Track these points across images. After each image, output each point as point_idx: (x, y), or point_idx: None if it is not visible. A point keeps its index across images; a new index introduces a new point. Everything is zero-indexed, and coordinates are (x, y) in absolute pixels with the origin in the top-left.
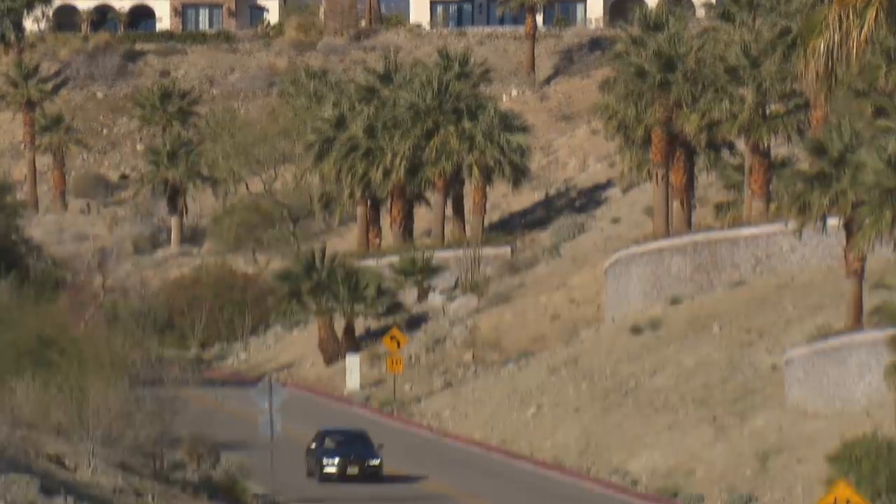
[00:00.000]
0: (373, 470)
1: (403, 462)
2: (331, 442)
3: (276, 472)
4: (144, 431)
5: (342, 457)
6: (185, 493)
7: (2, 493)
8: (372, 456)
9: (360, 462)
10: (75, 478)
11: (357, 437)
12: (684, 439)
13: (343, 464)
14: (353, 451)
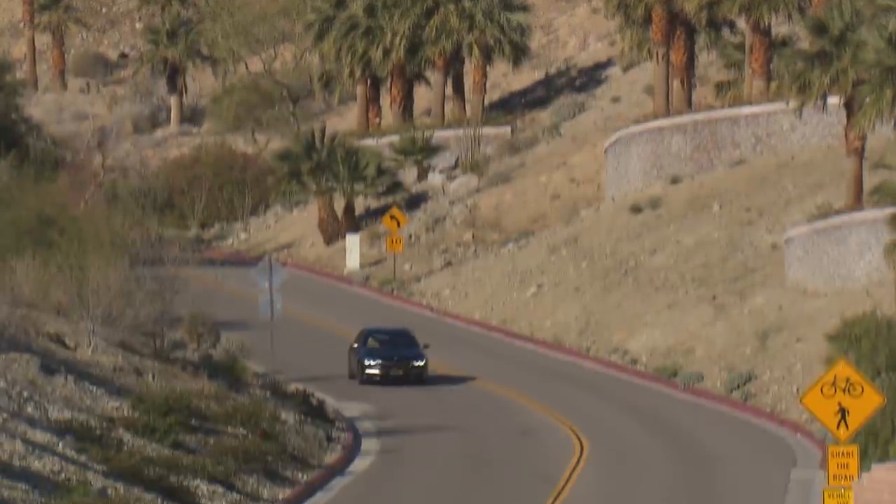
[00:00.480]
0: (417, 371)
1: None
2: (374, 342)
3: (275, 351)
4: (144, 310)
5: (385, 358)
6: (185, 371)
7: (2, 372)
8: (417, 357)
9: (403, 363)
10: (75, 357)
11: (401, 336)
12: (684, 318)
13: (385, 366)
14: (396, 351)
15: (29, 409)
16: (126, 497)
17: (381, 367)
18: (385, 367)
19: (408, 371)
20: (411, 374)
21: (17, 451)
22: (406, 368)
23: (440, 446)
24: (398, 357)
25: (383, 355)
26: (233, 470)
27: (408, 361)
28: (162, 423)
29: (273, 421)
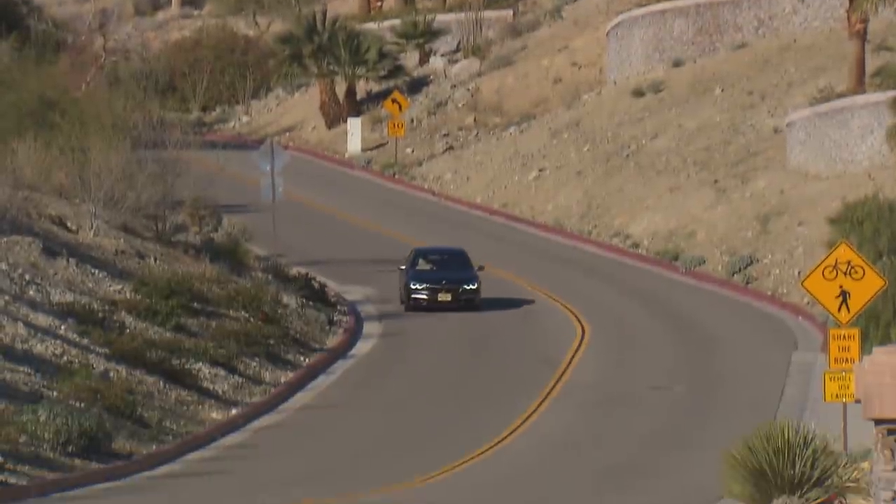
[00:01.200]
0: (468, 296)
1: (406, 225)
2: (424, 263)
3: (277, 234)
4: (146, 194)
5: (432, 282)
6: (187, 255)
7: (3, 255)
8: (468, 280)
9: (453, 288)
10: (77, 239)
11: (454, 257)
12: (685, 202)
13: (433, 289)
14: (445, 274)
15: (31, 292)
16: (128, 380)
17: (428, 291)
18: (432, 292)
19: (457, 296)
20: (461, 299)
21: (18, 334)
22: (455, 293)
23: (441, 329)
24: (447, 280)
25: (431, 278)
26: (234, 353)
27: (457, 286)
28: (164, 306)
29: (275, 304)
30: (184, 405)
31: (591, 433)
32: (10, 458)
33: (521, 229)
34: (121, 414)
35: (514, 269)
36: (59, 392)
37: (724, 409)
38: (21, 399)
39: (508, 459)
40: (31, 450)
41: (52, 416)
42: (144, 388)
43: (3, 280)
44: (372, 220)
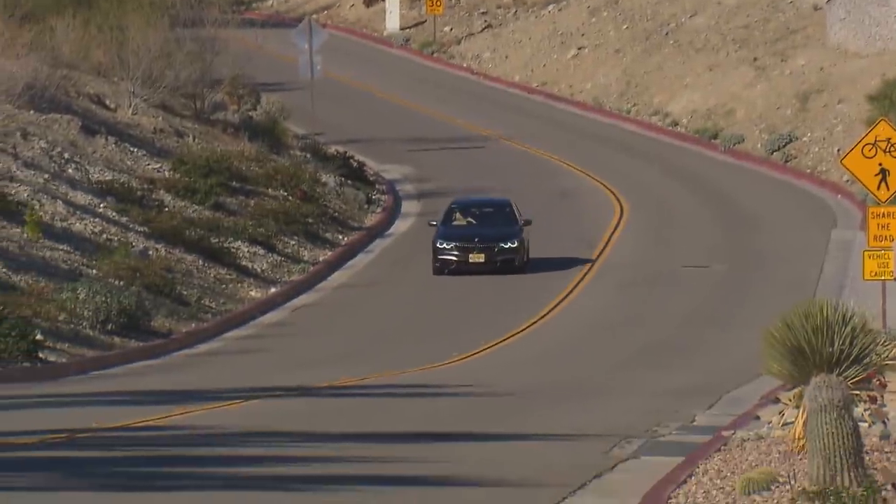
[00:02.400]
0: (506, 255)
1: (444, 104)
2: (460, 218)
3: (316, 113)
4: (185, 72)
5: (463, 239)
6: (226, 133)
7: (43, 133)
8: (506, 237)
9: (487, 246)
10: (116, 118)
11: (496, 210)
12: (724, 80)
13: (463, 248)
14: (479, 230)
15: (70, 170)
16: (167, 258)
17: (458, 251)
18: (462, 252)
19: (492, 256)
20: (497, 260)
21: (58, 212)
22: (490, 253)
23: None
24: (480, 238)
25: (462, 235)
26: (273, 231)
27: (493, 244)
28: (202, 184)
29: (313, 183)
30: (223, 283)
31: (630, 312)
32: (49, 335)
33: (559, 108)
34: (160, 292)
35: (553, 148)
36: (99, 270)
37: (763, 287)
38: (61, 277)
39: (547, 338)
40: (70, 328)
41: (91, 295)
42: (183, 266)
43: (43, 158)
44: (410, 98)
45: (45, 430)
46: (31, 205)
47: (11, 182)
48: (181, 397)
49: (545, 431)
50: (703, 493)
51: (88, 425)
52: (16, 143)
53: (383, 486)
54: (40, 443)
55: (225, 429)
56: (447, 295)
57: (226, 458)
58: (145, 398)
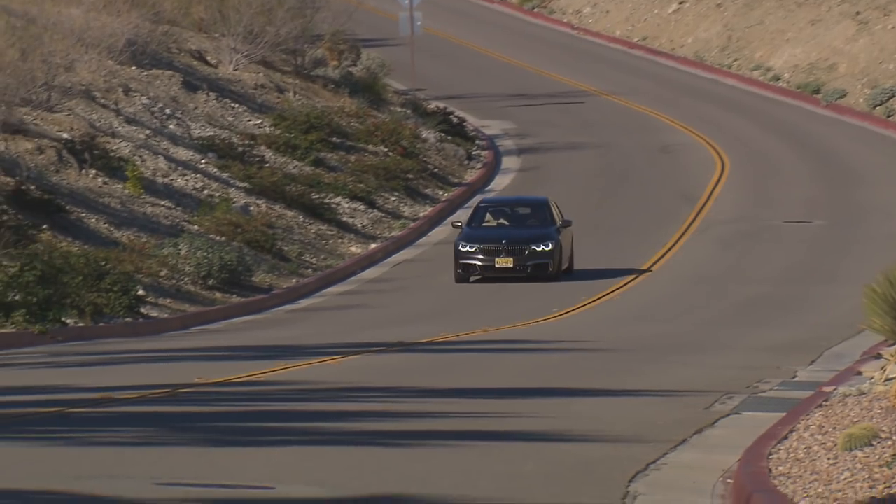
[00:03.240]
0: (538, 260)
1: (544, 60)
2: (490, 218)
3: (416, 68)
4: (286, 28)
5: (488, 241)
6: (326, 89)
7: (145, 89)
8: (539, 239)
9: (516, 249)
10: (217, 74)
11: (532, 209)
12: (827, 34)
13: (489, 252)
14: (507, 231)
15: (171, 126)
16: (268, 214)
17: (483, 254)
18: (488, 255)
19: (522, 261)
20: (527, 265)
21: (159, 168)
22: (520, 257)
23: (581, 162)
24: (508, 240)
25: (487, 237)
26: (374, 187)
27: (523, 247)
28: (303, 140)
29: (414, 139)
30: (323, 239)
31: (731, 267)
32: (151, 291)
33: (660, 63)
34: (261, 248)
35: (653, 103)
36: (200, 226)
37: (865, 242)
38: (162, 233)
39: (647, 293)
40: (172, 283)
41: (192, 250)
42: (284, 222)
43: (145, 114)
44: (510, 54)
45: (147, 385)
46: (133, 161)
47: (113, 138)
48: (282, 352)
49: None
50: (804, 448)
51: (190, 380)
52: (118, 99)
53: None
54: (142, 398)
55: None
56: None
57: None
58: (246, 353)
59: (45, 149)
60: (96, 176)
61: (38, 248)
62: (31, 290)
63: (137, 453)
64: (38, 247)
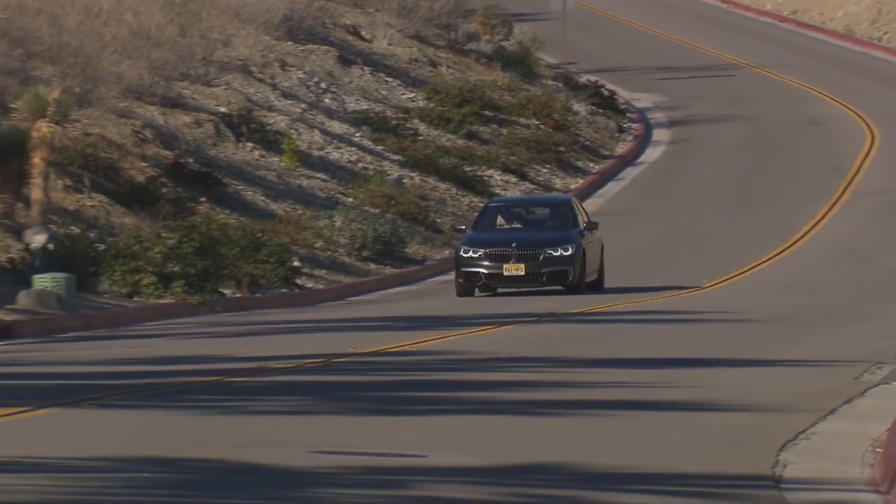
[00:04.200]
0: (554, 266)
1: (694, 33)
2: (503, 221)
3: (568, 42)
4: (439, 3)
5: (495, 245)
6: (479, 63)
7: (301, 63)
8: (556, 242)
9: (527, 254)
10: (371, 48)
11: (551, 208)
12: None
13: (496, 258)
14: (519, 235)
15: (326, 100)
16: (421, 185)
17: (489, 259)
18: (495, 261)
19: (535, 267)
20: (542, 271)
21: (315, 141)
22: (533, 263)
23: (730, 134)
24: (519, 243)
25: (494, 240)
26: (525, 160)
27: (536, 250)
28: (456, 113)
29: (565, 112)
30: (475, 211)
31: (880, 238)
32: (307, 262)
33: (810, 36)
34: (414, 220)
35: (802, 76)
36: (355, 198)
37: None
38: (318, 205)
39: (797, 264)
40: (327, 254)
41: (347, 222)
42: (437, 194)
43: (300, 88)
44: (661, 27)
45: (302, 355)
46: (289, 134)
47: (270, 112)
48: (435, 323)
49: (795, 357)
50: None
51: (345, 350)
52: (274, 73)
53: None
54: (298, 368)
55: (477, 354)
56: (697, 222)
57: (478, 383)
58: (400, 324)
59: (203, 123)
60: (253, 149)
61: (197, 221)
62: (190, 262)
63: (293, 422)
64: (197, 219)
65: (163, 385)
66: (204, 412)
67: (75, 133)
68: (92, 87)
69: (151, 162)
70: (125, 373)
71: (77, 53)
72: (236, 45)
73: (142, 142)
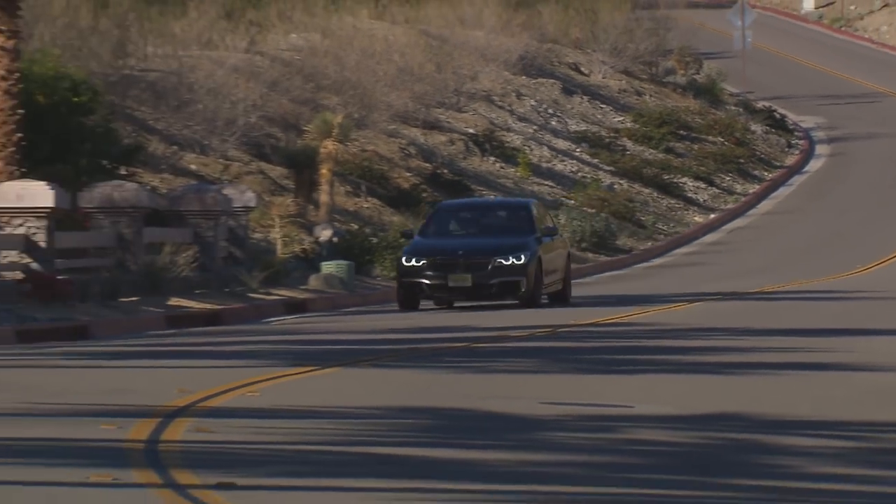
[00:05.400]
0: (505, 276)
1: (849, 68)
2: (456, 226)
3: (747, 75)
4: (643, 44)
5: (440, 254)
6: (675, 92)
7: (533, 93)
8: (508, 250)
9: (475, 264)
10: (588, 81)
11: (506, 212)
12: None
13: (440, 267)
14: (466, 242)
15: (553, 122)
16: (628, 190)
17: (432, 269)
18: (439, 271)
19: (483, 278)
20: (491, 283)
21: (543, 155)
22: (480, 274)
23: (877, 149)
24: (466, 251)
25: (438, 248)
26: (712, 170)
27: (485, 259)
28: (656, 133)
29: (744, 131)
30: (672, 211)
31: None
32: None
33: None
34: (623, 218)
35: None
36: (575, 201)
37: None
38: (546, 206)
39: None
40: None
41: (570, 220)
42: (641, 197)
43: (532, 113)
44: (823, 63)
45: (533, 326)
46: (523, 150)
47: (508, 132)
48: (639, 300)
49: None
50: None
51: (567, 322)
52: (511, 102)
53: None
54: (530, 336)
55: (673, 325)
56: (851, 221)
57: (674, 349)
58: (611, 300)
59: (455, 141)
60: (494, 162)
61: None
62: None
63: (526, 379)
64: None
65: (423, 349)
66: (455, 371)
67: (354, 150)
68: (367, 113)
69: (414, 172)
70: (393, 339)
71: (356, 86)
72: (481, 79)
73: (406, 156)
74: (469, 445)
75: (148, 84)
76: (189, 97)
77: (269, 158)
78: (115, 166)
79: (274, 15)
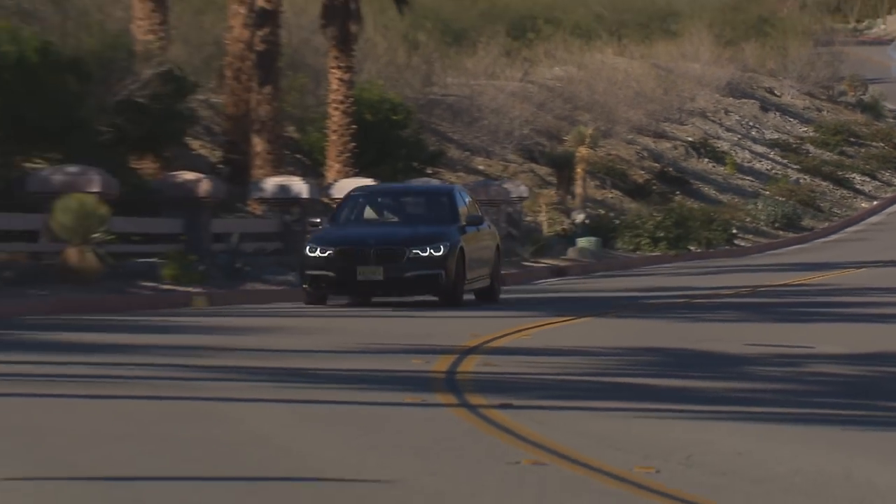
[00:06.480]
0: (422, 270)
1: None
2: (370, 212)
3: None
4: (822, 73)
5: (349, 243)
6: (846, 109)
7: (737, 110)
8: (426, 241)
9: (388, 254)
10: (780, 101)
11: (426, 199)
12: None
13: (348, 258)
14: (378, 231)
15: (753, 133)
16: (810, 184)
17: (340, 259)
18: (346, 262)
19: (396, 271)
20: (406, 277)
21: (745, 157)
22: (392, 266)
23: None
24: (379, 241)
25: (347, 237)
26: (875, 168)
27: (399, 250)
28: (832, 140)
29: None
30: (844, 199)
31: None
32: (741, 230)
33: None
34: (806, 204)
35: None
36: (769, 191)
37: None
38: (747, 196)
39: None
40: (752, 226)
41: (765, 206)
42: (820, 189)
43: (736, 126)
44: None
45: (738, 286)
46: (730, 153)
47: (718, 140)
48: (820, 267)
49: None
50: None
51: (763, 283)
52: (720, 117)
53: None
54: (735, 293)
55: (845, 286)
56: None
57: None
58: (796, 267)
59: (677, 147)
60: (708, 163)
61: (674, 206)
62: (669, 230)
63: (733, 327)
64: (673, 205)
65: (649, 305)
66: (677, 320)
67: (601, 154)
68: (611, 126)
69: (647, 171)
70: (630, 296)
71: (603, 106)
72: (698, 99)
73: (641, 158)
74: (689, 377)
75: (447, 105)
76: (478, 115)
77: (537, 161)
78: (423, 167)
79: (542, 53)
